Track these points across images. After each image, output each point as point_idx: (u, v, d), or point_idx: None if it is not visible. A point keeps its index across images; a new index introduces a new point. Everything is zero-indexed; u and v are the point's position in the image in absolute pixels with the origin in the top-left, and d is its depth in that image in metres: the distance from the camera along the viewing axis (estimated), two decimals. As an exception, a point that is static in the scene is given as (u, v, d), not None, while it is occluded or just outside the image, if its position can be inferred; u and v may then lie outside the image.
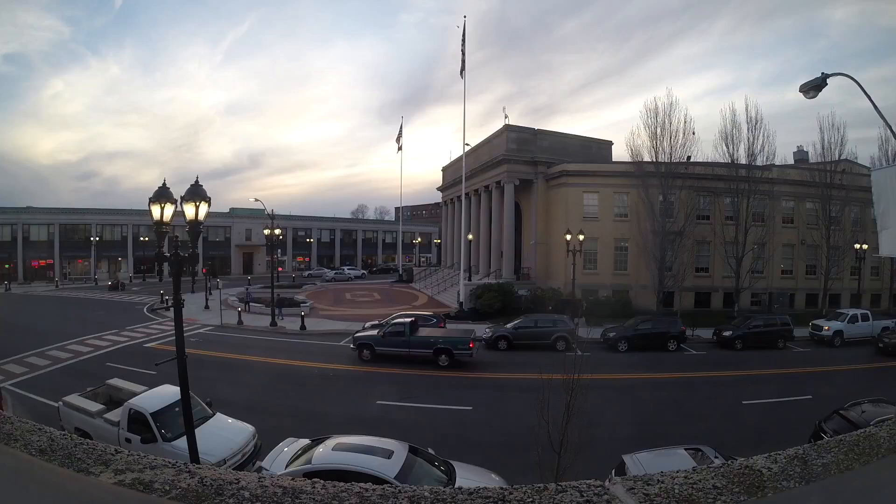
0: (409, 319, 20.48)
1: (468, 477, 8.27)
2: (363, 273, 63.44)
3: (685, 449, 9.16)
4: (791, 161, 42.86)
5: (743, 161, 32.21)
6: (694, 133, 31.57)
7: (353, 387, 16.68)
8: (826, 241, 33.06)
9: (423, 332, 20.33)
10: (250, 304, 32.97)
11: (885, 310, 33.68)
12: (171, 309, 19.17)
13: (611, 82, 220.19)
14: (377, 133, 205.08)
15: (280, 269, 54.32)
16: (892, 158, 31.05)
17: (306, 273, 62.64)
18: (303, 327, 26.23)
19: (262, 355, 20.96)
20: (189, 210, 7.69)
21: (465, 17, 66.35)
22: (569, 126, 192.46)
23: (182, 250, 7.94)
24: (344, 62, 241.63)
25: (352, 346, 20.55)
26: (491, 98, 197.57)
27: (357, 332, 22.15)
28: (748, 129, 32.02)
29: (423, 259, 73.19)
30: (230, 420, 10.88)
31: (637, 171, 31.87)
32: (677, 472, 1.61)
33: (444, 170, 55.32)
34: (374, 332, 20.64)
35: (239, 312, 29.43)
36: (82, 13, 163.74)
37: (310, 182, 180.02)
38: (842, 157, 33.60)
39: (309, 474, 6.98)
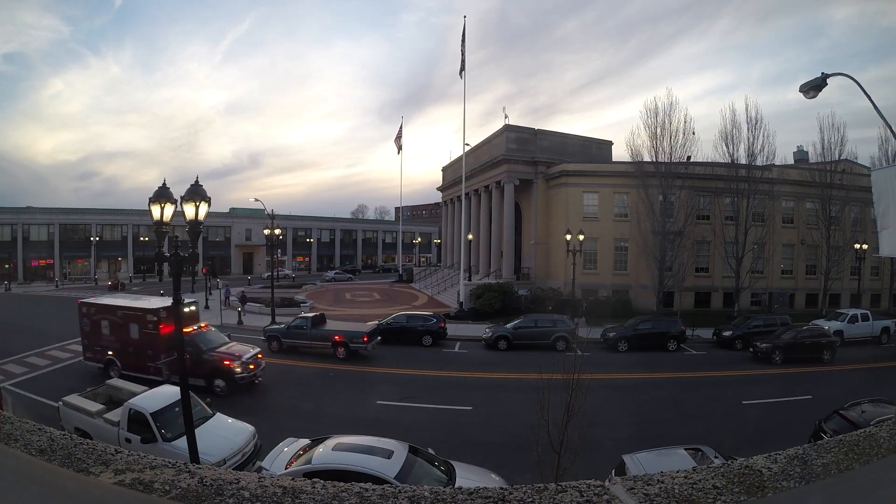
0: (311, 315, 21.90)
1: (468, 477, 8.26)
2: (349, 277, 59.36)
3: (685, 449, 9.15)
4: (791, 161, 42.89)
5: (743, 161, 32.19)
6: (694, 133, 31.63)
7: (353, 386, 16.67)
8: (826, 241, 33.05)
9: (326, 326, 21.49)
10: (229, 299, 32.89)
11: (885, 310, 33.67)
12: (171, 309, 19.11)
13: (611, 82, 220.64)
14: (377, 133, 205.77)
15: (279, 268, 53.89)
16: (892, 158, 31.05)
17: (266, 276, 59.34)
18: (302, 327, 26.26)
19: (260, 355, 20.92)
20: (189, 210, 7.68)
21: (465, 16, 66.62)
22: (569, 126, 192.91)
23: (182, 250, 7.94)
24: (344, 62, 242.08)
25: (262, 337, 21.93)
26: (491, 98, 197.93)
27: (266, 325, 23.65)
28: (748, 129, 32.06)
29: (423, 259, 73.17)
30: (230, 420, 10.88)
31: (637, 171, 31.85)
32: (677, 472, 1.61)
33: (444, 170, 55.30)
34: (282, 326, 21.95)
35: (238, 313, 29.43)
36: (82, 13, 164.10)
37: (310, 182, 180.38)
38: (842, 157, 33.59)
39: (309, 474, 6.98)
